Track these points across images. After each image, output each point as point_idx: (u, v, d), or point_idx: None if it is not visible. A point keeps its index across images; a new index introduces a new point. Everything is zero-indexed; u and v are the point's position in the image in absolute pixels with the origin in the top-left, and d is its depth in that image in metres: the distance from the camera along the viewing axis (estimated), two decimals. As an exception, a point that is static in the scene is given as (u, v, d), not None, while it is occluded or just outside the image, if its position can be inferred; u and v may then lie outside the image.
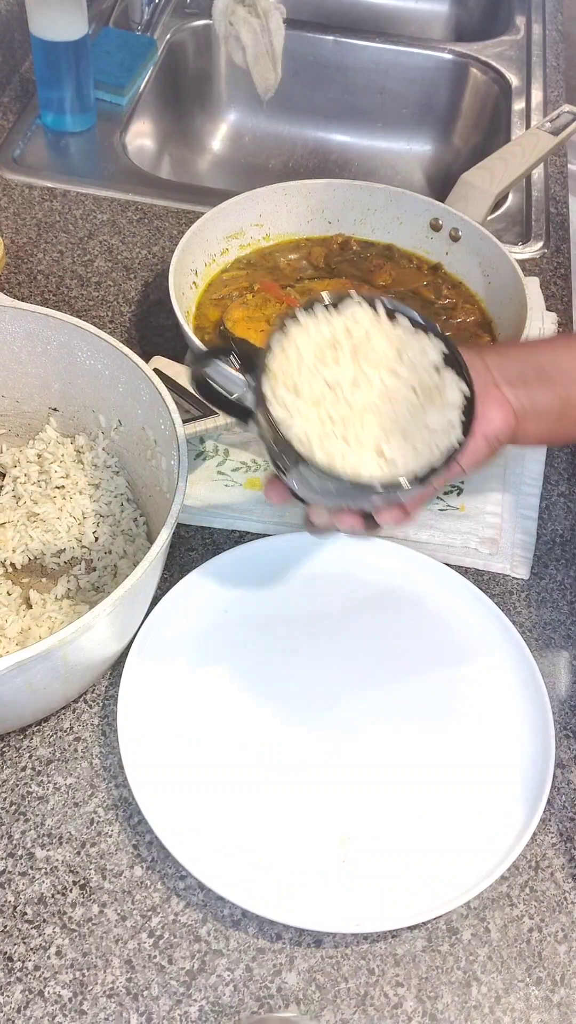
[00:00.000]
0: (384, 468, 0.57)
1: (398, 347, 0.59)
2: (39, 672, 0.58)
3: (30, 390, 0.79)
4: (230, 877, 0.60)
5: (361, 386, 0.58)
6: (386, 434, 0.57)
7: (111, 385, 0.74)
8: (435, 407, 0.58)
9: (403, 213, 1.01)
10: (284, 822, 0.64)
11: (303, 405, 0.57)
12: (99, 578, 0.75)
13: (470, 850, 0.63)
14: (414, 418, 0.57)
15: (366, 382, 0.58)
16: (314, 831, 0.64)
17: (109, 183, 1.13)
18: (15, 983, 0.58)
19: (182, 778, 0.65)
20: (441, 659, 0.73)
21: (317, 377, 0.57)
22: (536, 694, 0.69)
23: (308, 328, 0.59)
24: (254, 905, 0.59)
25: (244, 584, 0.76)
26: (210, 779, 0.66)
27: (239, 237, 0.99)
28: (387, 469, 0.57)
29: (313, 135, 1.48)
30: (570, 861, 0.65)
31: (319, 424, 0.57)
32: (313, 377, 0.57)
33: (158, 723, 0.67)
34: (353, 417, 0.57)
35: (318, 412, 0.57)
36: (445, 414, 0.58)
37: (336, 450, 0.56)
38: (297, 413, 0.57)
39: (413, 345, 0.59)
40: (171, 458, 0.67)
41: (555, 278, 1.07)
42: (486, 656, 0.73)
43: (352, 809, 0.65)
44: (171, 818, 0.62)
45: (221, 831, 0.63)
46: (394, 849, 0.64)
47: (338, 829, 0.64)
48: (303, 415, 0.57)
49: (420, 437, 0.57)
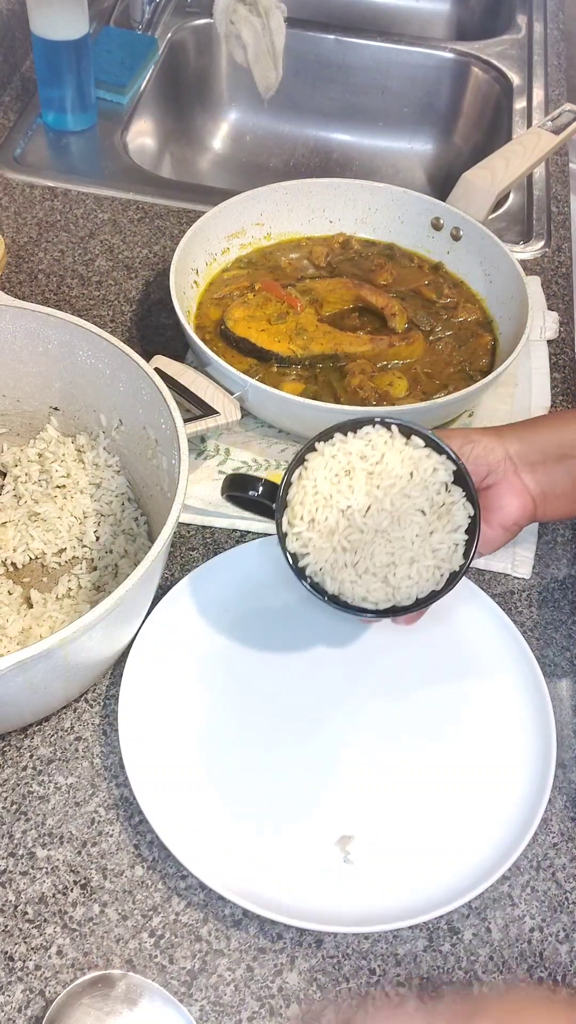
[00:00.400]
0: (389, 594, 0.63)
1: (411, 468, 0.64)
2: (40, 671, 0.58)
3: (31, 389, 0.79)
4: (231, 877, 0.60)
5: (373, 513, 0.63)
6: (394, 560, 0.63)
7: (112, 384, 0.74)
8: (442, 529, 0.63)
9: (404, 212, 1.01)
10: (285, 822, 0.64)
11: (317, 538, 0.64)
12: (100, 577, 0.75)
13: (471, 850, 0.63)
14: (421, 541, 0.63)
15: (378, 508, 0.63)
16: (315, 830, 0.64)
17: (110, 182, 1.13)
18: (16, 983, 0.58)
19: (183, 778, 0.65)
20: (443, 661, 0.73)
21: (332, 507, 0.63)
22: (537, 693, 0.69)
23: (325, 457, 0.64)
24: (255, 905, 0.59)
25: (245, 584, 0.76)
26: (211, 779, 0.66)
27: (240, 236, 0.99)
28: (392, 595, 0.63)
29: (314, 134, 1.48)
30: (572, 861, 0.65)
31: (332, 554, 0.64)
32: (328, 507, 0.63)
33: (159, 723, 0.67)
34: (364, 543, 0.63)
35: (331, 542, 0.63)
36: (451, 537, 0.63)
37: (346, 579, 0.63)
38: (312, 546, 0.64)
39: (425, 464, 0.64)
40: (172, 457, 0.67)
41: (556, 277, 1.07)
42: (488, 656, 0.73)
43: (353, 808, 0.65)
44: (172, 818, 0.62)
45: (222, 831, 0.63)
46: (395, 849, 0.64)
47: (339, 828, 0.64)
48: (317, 548, 0.64)
49: (425, 561, 0.63)
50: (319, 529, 0.63)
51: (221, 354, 0.85)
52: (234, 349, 0.89)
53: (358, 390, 0.85)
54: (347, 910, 0.60)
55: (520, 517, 0.68)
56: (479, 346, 0.92)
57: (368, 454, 0.64)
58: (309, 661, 0.72)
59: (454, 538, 0.63)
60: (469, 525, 0.64)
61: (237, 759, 0.67)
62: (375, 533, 0.63)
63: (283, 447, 0.86)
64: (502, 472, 0.67)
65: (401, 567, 0.63)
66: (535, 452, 0.67)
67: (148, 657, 0.69)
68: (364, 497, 0.63)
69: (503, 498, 0.67)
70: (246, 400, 0.82)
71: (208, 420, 0.78)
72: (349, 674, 0.72)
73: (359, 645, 0.73)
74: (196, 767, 0.66)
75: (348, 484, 0.63)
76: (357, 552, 0.63)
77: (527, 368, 0.94)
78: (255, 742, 0.68)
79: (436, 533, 0.63)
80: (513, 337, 0.88)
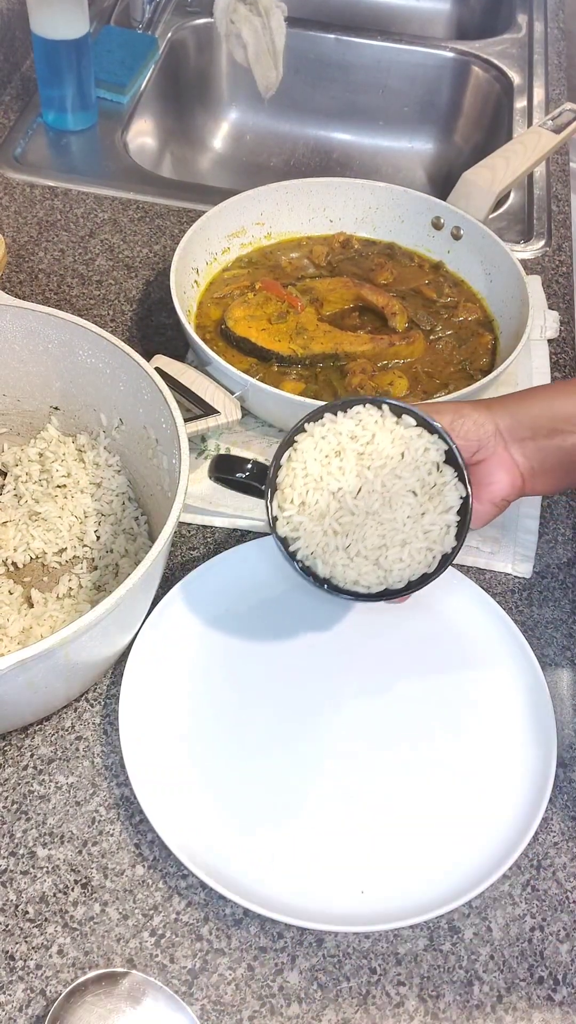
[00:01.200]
0: (381, 577, 0.63)
1: (402, 449, 0.62)
2: (41, 671, 0.58)
3: (31, 389, 0.79)
4: (231, 876, 0.60)
5: (364, 494, 0.62)
6: (385, 543, 0.62)
7: (112, 384, 0.74)
8: (433, 510, 0.62)
9: (404, 211, 1.01)
10: (285, 820, 0.64)
11: (308, 521, 0.62)
12: (100, 577, 0.75)
13: (472, 849, 0.63)
14: (413, 523, 0.62)
15: (369, 490, 0.62)
16: (315, 829, 0.64)
17: (110, 182, 1.13)
18: (17, 982, 0.58)
19: (183, 778, 0.65)
20: (443, 659, 0.73)
21: (323, 489, 0.62)
22: (538, 692, 0.69)
23: (315, 438, 0.63)
24: (255, 904, 0.59)
25: (246, 584, 0.76)
26: (211, 777, 0.66)
27: (240, 236, 0.99)
28: (384, 578, 0.63)
29: (314, 133, 1.48)
30: (572, 860, 0.65)
31: (323, 537, 0.62)
32: (319, 490, 0.62)
33: (160, 722, 0.67)
34: (355, 525, 0.62)
35: (323, 525, 0.62)
36: (443, 518, 0.62)
37: (338, 562, 0.63)
38: (303, 530, 0.63)
39: (416, 444, 0.63)
40: (172, 457, 0.67)
41: (557, 276, 1.07)
42: (488, 655, 0.73)
43: (353, 807, 0.65)
44: (172, 817, 0.62)
45: (223, 830, 0.63)
46: (396, 848, 0.64)
47: (339, 828, 0.64)
48: (308, 532, 0.63)
49: (417, 543, 0.62)
50: (310, 512, 0.62)
51: (221, 353, 0.85)
52: (234, 348, 0.89)
53: (359, 389, 0.85)
54: (348, 909, 0.60)
55: (509, 493, 0.67)
56: (479, 345, 0.92)
57: (359, 434, 0.63)
58: (310, 660, 0.72)
59: (446, 519, 0.62)
60: (461, 506, 0.63)
61: (237, 757, 0.67)
62: (366, 515, 0.62)
63: (283, 446, 0.86)
64: (492, 447, 0.66)
65: (393, 549, 0.62)
66: (525, 427, 0.66)
67: (148, 656, 0.69)
68: (355, 479, 0.62)
69: (493, 473, 0.66)
70: (246, 399, 0.82)
71: (209, 420, 0.78)
72: (349, 674, 0.72)
73: (359, 645, 0.73)
74: (197, 766, 0.66)
75: (339, 465, 0.62)
76: (348, 535, 0.62)
77: (527, 367, 0.94)
78: (255, 740, 0.68)
79: (428, 514, 0.62)
80: (513, 336, 0.88)
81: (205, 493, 0.82)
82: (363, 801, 0.66)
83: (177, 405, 0.68)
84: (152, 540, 0.77)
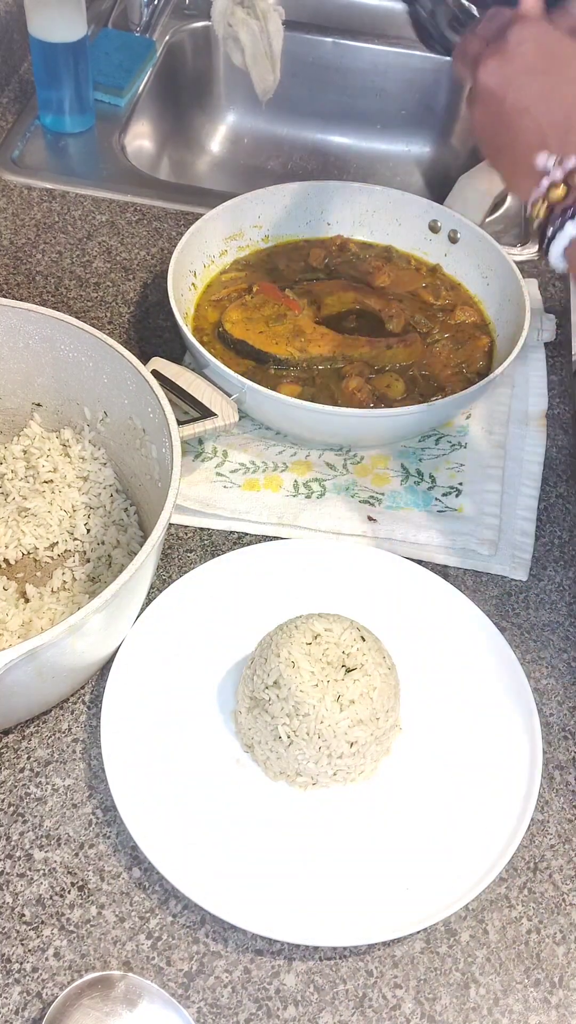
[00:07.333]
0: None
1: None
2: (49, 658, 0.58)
3: (12, 387, 0.79)
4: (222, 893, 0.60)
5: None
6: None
7: (95, 377, 0.74)
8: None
9: (402, 215, 1.01)
10: (276, 828, 0.64)
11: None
12: (94, 569, 0.75)
13: (465, 854, 0.63)
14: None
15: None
16: (305, 838, 0.63)
17: (108, 184, 1.13)
18: (13, 984, 0.58)
19: (169, 790, 0.64)
20: (431, 665, 0.72)
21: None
22: (521, 695, 0.69)
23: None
24: (247, 921, 0.58)
25: (242, 587, 0.75)
26: (200, 791, 0.65)
27: (238, 238, 0.99)
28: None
29: (312, 137, 1.48)
30: (568, 863, 0.65)
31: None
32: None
33: (145, 731, 0.67)
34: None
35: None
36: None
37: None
38: None
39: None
40: (162, 446, 0.67)
41: (554, 279, 1.07)
42: (473, 660, 0.72)
43: (343, 815, 0.65)
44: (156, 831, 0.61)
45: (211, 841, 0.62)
46: (389, 857, 0.63)
47: (332, 835, 0.64)
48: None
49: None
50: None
51: (219, 356, 0.85)
52: (232, 351, 0.89)
53: (356, 392, 0.85)
54: (341, 921, 0.60)
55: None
56: (476, 348, 0.92)
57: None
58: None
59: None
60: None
61: (226, 768, 0.66)
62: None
63: (280, 449, 0.86)
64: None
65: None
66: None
67: (139, 659, 0.69)
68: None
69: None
70: (244, 402, 0.82)
71: (206, 422, 0.78)
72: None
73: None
74: (184, 776, 0.65)
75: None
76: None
77: (524, 370, 0.95)
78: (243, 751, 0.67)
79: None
80: (510, 339, 0.88)
81: (202, 495, 0.82)
82: (353, 809, 0.65)
83: (163, 392, 0.68)
84: (143, 530, 0.77)
